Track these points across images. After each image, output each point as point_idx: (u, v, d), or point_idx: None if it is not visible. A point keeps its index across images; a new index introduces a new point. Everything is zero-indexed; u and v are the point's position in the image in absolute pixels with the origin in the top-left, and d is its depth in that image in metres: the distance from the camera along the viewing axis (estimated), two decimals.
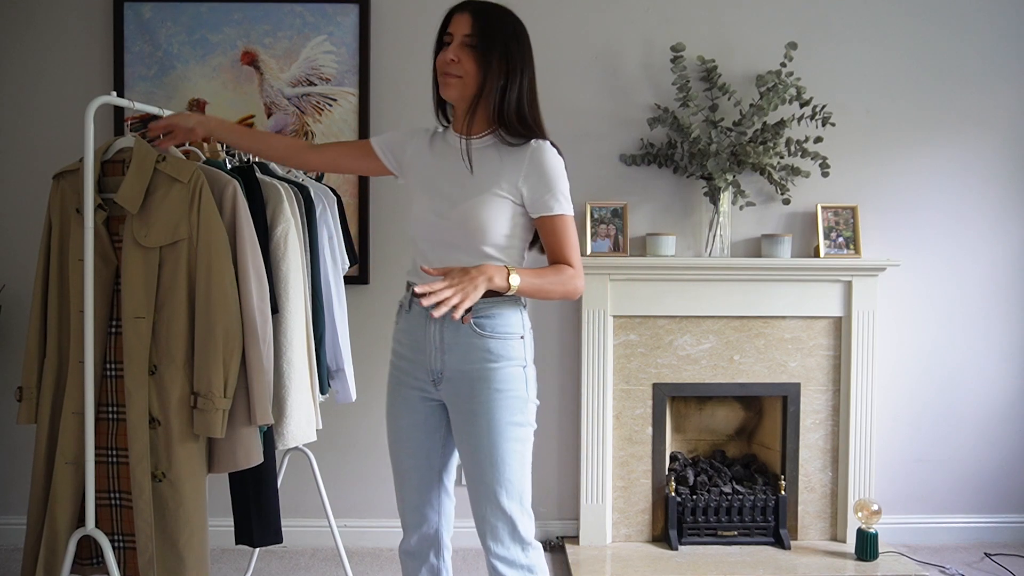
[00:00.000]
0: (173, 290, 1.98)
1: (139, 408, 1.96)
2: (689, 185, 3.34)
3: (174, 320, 1.98)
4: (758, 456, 3.51)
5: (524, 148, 1.86)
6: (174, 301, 1.98)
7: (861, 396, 3.27)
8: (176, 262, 1.98)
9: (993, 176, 3.40)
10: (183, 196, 1.97)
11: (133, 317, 1.97)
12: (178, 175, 1.98)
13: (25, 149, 3.26)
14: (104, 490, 2.04)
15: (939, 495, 3.46)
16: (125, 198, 1.97)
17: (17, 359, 3.25)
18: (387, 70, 3.29)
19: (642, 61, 3.32)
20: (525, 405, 1.91)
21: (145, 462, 1.96)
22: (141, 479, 1.96)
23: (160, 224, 1.98)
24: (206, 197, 1.99)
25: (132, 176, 1.98)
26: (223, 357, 1.96)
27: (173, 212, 1.98)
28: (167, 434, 1.97)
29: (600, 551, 3.23)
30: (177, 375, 1.98)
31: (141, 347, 1.97)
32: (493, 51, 1.83)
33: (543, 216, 1.86)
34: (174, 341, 1.98)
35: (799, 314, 3.27)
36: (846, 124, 3.30)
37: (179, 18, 3.23)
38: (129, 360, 1.97)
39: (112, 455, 2.04)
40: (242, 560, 3.13)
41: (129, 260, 1.98)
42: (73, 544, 2.00)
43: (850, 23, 3.35)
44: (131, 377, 1.97)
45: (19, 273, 3.26)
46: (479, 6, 1.88)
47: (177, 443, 1.97)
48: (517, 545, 1.89)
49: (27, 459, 3.28)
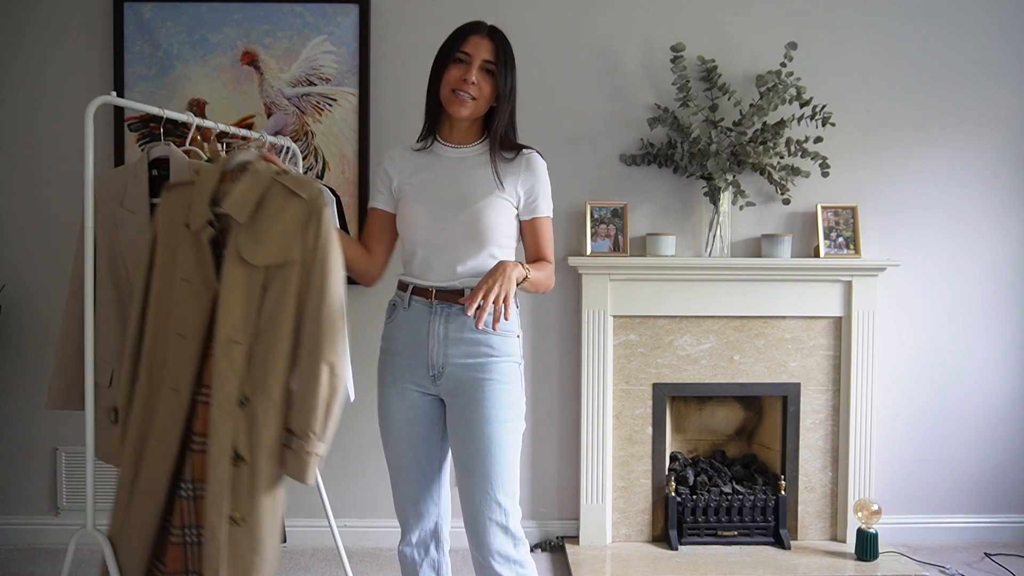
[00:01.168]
0: (277, 316, 1.78)
1: (223, 441, 1.76)
2: (689, 185, 3.34)
3: (273, 349, 1.78)
4: (758, 456, 3.51)
5: (519, 157, 2.03)
6: (276, 328, 1.78)
7: (861, 396, 3.27)
8: (284, 286, 1.78)
9: (993, 176, 3.40)
10: (300, 214, 1.79)
11: (227, 341, 1.77)
12: (299, 189, 1.81)
13: (25, 149, 3.26)
14: (179, 526, 1.85)
15: (939, 495, 3.46)
16: (234, 204, 1.78)
17: (17, 359, 3.26)
18: (387, 70, 3.29)
19: (642, 61, 3.32)
20: (519, 400, 2.01)
21: (222, 501, 1.75)
22: (216, 520, 1.76)
23: (271, 241, 1.79)
24: (326, 219, 1.80)
25: (246, 184, 1.81)
26: (327, 396, 1.78)
27: (286, 230, 1.79)
28: (252, 475, 1.77)
29: (600, 551, 3.24)
30: (271, 411, 1.77)
31: (232, 374, 1.76)
32: (508, 77, 2.01)
33: (534, 217, 2.04)
34: (272, 373, 1.77)
35: (799, 314, 3.27)
36: (846, 124, 3.30)
37: (179, 18, 3.23)
38: (218, 388, 1.77)
39: (188, 489, 1.85)
40: None
41: (230, 277, 1.78)
42: (73, 545, 1.98)
43: (850, 23, 3.35)
44: (218, 406, 1.77)
45: (19, 273, 3.25)
46: (497, 32, 2.02)
47: (262, 486, 1.77)
48: (509, 539, 1.93)
49: (28, 459, 3.30)
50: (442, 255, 1.97)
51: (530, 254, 2.07)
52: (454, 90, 1.97)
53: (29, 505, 3.31)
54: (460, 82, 1.96)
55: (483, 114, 2.03)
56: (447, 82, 1.98)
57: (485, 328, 1.92)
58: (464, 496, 1.95)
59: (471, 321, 1.92)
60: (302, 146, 3.24)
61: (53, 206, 3.24)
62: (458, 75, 1.96)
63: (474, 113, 2.00)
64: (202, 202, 1.82)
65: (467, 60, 1.97)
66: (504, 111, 2.01)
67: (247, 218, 1.78)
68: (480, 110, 2.00)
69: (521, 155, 2.03)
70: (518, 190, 2.01)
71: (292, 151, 3.06)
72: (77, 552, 2.01)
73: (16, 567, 3.07)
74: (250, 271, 1.79)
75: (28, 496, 3.31)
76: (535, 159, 2.04)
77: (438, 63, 2.02)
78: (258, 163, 1.86)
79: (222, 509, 1.75)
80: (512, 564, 1.92)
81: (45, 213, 3.25)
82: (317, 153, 3.27)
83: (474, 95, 1.96)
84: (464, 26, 2.01)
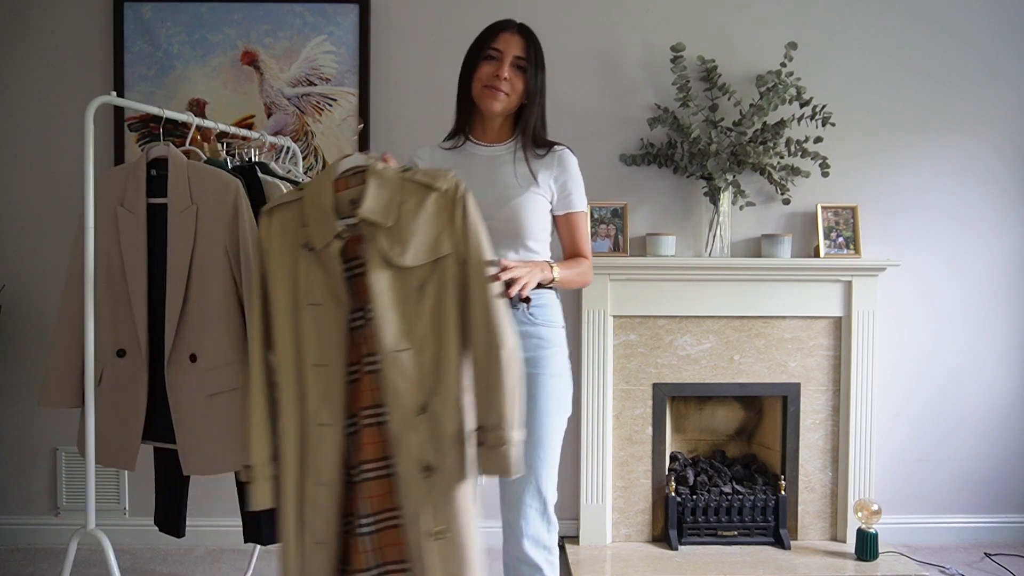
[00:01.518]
0: (441, 314, 1.72)
1: (411, 456, 1.68)
2: (689, 185, 3.34)
3: (444, 347, 1.71)
4: (758, 456, 3.51)
5: (551, 153, 2.08)
6: (443, 326, 1.71)
7: (861, 396, 3.27)
8: (441, 281, 1.72)
9: (993, 176, 3.40)
10: (441, 205, 1.72)
11: (392, 351, 1.69)
12: (434, 182, 1.73)
13: (25, 149, 3.26)
14: (362, 568, 1.73)
15: (939, 495, 3.46)
16: (373, 210, 1.69)
17: (17, 359, 3.26)
18: (387, 70, 3.29)
19: (642, 61, 3.32)
20: (568, 390, 2.07)
21: (424, 518, 1.68)
22: (420, 540, 1.68)
23: (418, 240, 1.70)
24: (471, 204, 1.74)
25: (375, 188, 1.71)
26: (511, 381, 1.71)
27: (431, 225, 1.71)
28: (444, 482, 1.69)
29: (600, 551, 3.23)
30: (450, 411, 1.71)
31: (407, 384, 1.69)
32: (539, 74, 2.05)
33: (568, 213, 2.09)
34: (446, 373, 1.70)
35: (799, 314, 3.27)
36: (846, 124, 3.30)
37: (179, 18, 3.23)
38: (395, 401, 1.69)
39: (368, 523, 1.73)
40: (242, 560, 3.13)
41: (380, 285, 1.69)
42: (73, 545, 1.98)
43: (850, 23, 3.35)
44: (399, 421, 1.69)
45: (19, 273, 3.25)
46: (527, 30, 2.07)
47: (456, 491, 1.70)
48: (544, 523, 2.00)
49: (28, 459, 3.30)
50: None
51: (567, 249, 2.12)
52: (486, 86, 2.01)
53: (29, 505, 3.31)
54: (492, 78, 2.00)
55: (514, 111, 2.07)
56: (479, 79, 2.02)
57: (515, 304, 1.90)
58: (507, 483, 1.99)
59: (520, 315, 1.96)
60: (302, 146, 3.24)
61: (53, 206, 3.24)
62: (490, 71, 2.01)
63: (507, 108, 2.04)
64: (326, 216, 1.71)
65: (498, 56, 2.01)
66: (535, 107, 2.05)
67: (393, 220, 1.70)
68: (512, 106, 2.05)
69: (553, 151, 2.08)
70: (551, 185, 2.06)
71: (292, 151, 3.06)
72: (77, 552, 2.02)
73: (16, 567, 3.07)
74: (401, 274, 1.71)
75: (28, 496, 3.31)
76: (567, 155, 2.09)
77: (469, 61, 2.06)
78: (375, 165, 1.75)
79: (421, 527, 1.68)
80: (542, 550, 2.00)
81: (45, 213, 3.25)
82: (317, 153, 3.27)
83: (506, 91, 2.01)
84: (494, 24, 2.06)
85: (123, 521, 3.28)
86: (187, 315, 2.12)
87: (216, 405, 2.09)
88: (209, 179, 2.12)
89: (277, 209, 1.78)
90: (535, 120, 2.06)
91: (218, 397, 2.09)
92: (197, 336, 2.11)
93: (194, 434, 2.11)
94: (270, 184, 2.28)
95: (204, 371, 2.09)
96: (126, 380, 2.16)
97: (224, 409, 2.09)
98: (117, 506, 3.29)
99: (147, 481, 2.45)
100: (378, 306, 1.69)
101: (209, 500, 3.13)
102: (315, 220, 1.73)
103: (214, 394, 2.09)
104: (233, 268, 2.10)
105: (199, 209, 2.10)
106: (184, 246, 2.10)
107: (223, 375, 2.09)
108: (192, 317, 2.11)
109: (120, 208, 2.15)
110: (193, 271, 2.11)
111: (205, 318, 2.10)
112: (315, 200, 1.74)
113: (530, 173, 2.03)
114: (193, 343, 2.11)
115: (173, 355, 2.12)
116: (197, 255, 2.11)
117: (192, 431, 2.11)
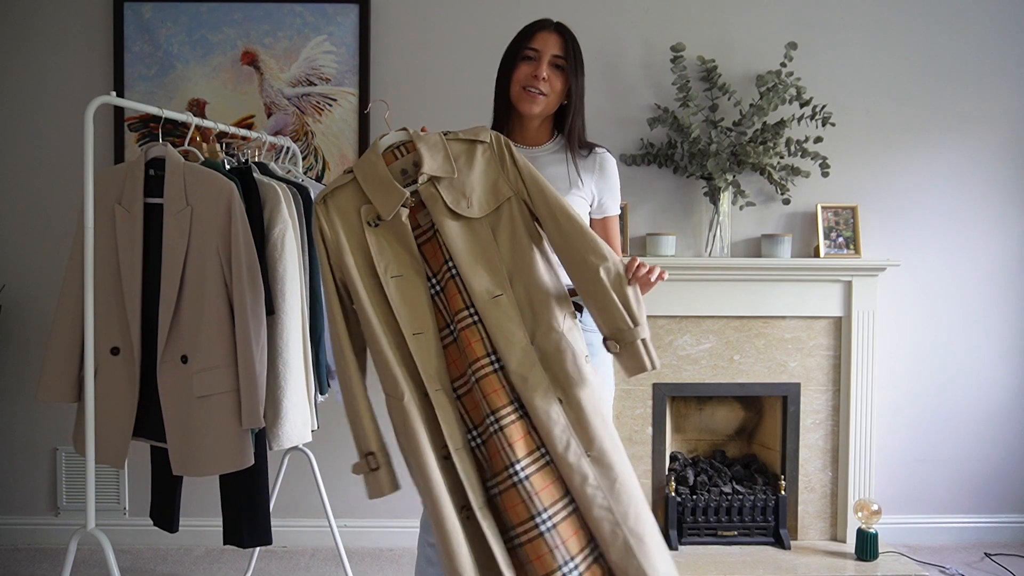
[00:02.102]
0: (521, 252, 1.80)
1: (542, 389, 1.71)
2: (689, 185, 3.34)
3: (533, 281, 1.78)
4: (758, 456, 3.50)
5: (592, 156, 2.07)
6: (527, 263, 1.79)
7: (861, 396, 3.27)
8: (512, 223, 1.81)
9: (993, 176, 3.40)
10: (490, 157, 1.83)
11: (488, 299, 1.74)
12: (477, 137, 1.84)
13: (25, 149, 3.26)
14: (527, 518, 1.68)
15: (939, 495, 3.46)
16: (434, 167, 1.79)
17: (17, 359, 3.26)
18: (387, 70, 3.29)
19: (642, 61, 3.32)
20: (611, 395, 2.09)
21: (573, 443, 1.70)
22: (576, 463, 1.68)
23: (479, 191, 1.80)
24: (516, 151, 1.85)
25: (428, 151, 1.81)
26: (618, 287, 1.76)
27: (487, 175, 1.82)
28: (572, 408, 1.72)
29: None
30: (560, 340, 1.75)
31: (513, 325, 1.74)
32: (578, 73, 2.01)
33: (605, 216, 2.10)
34: (543, 305, 1.77)
35: (799, 314, 3.27)
36: (846, 124, 3.30)
37: (179, 18, 3.23)
38: (507, 344, 1.72)
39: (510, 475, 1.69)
40: (242, 560, 3.13)
41: (456, 240, 1.77)
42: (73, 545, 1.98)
43: (850, 23, 3.35)
44: (517, 361, 1.72)
45: (19, 273, 3.26)
46: (564, 28, 2.02)
47: (588, 413, 1.73)
48: None
49: (28, 459, 3.30)
50: None
51: None
52: (525, 87, 1.97)
53: (29, 505, 3.31)
54: (531, 79, 1.96)
55: (553, 112, 2.03)
56: (517, 80, 1.98)
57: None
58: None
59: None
60: (302, 146, 3.24)
61: (53, 206, 3.24)
62: (528, 71, 1.97)
63: (546, 110, 2.00)
64: (390, 185, 1.77)
65: (536, 56, 1.97)
66: (577, 107, 2.02)
67: (456, 172, 1.79)
68: (551, 107, 2.01)
69: (594, 153, 2.07)
70: (593, 189, 2.05)
71: (292, 151, 3.06)
72: (77, 552, 2.02)
73: (16, 567, 3.07)
74: (471, 225, 1.78)
75: (28, 496, 3.31)
76: (608, 159, 2.08)
77: (506, 62, 2.01)
78: (415, 134, 1.85)
79: (578, 450, 1.69)
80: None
81: (45, 213, 3.25)
82: (317, 153, 3.27)
83: (545, 91, 1.96)
84: (531, 24, 2.01)
85: (123, 521, 3.29)
86: (180, 317, 2.11)
87: (206, 407, 2.08)
88: (205, 181, 2.11)
89: (330, 196, 1.83)
90: (578, 119, 2.03)
91: (208, 399, 2.08)
92: (189, 338, 2.11)
93: (184, 435, 2.11)
94: (266, 185, 2.27)
95: (195, 373, 2.09)
96: (119, 378, 2.15)
97: (214, 411, 2.08)
98: (117, 506, 3.30)
99: (147, 481, 2.45)
100: (460, 260, 1.76)
101: (208, 500, 3.13)
102: (378, 192, 1.79)
103: (204, 396, 2.08)
104: (224, 271, 2.10)
105: (194, 211, 2.10)
106: (178, 247, 2.10)
107: (213, 378, 2.08)
108: (185, 319, 2.11)
109: (118, 207, 2.15)
110: (187, 273, 2.10)
111: (198, 320, 2.10)
112: (371, 175, 1.80)
113: (576, 176, 2.02)
114: (185, 344, 2.11)
115: (165, 355, 2.12)
116: (191, 257, 2.10)
117: (182, 432, 2.11)
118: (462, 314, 1.77)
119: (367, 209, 1.79)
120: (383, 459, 1.79)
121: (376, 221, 1.79)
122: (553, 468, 1.72)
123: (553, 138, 2.06)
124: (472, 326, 1.76)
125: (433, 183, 1.78)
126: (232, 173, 2.19)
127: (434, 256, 1.82)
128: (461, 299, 1.77)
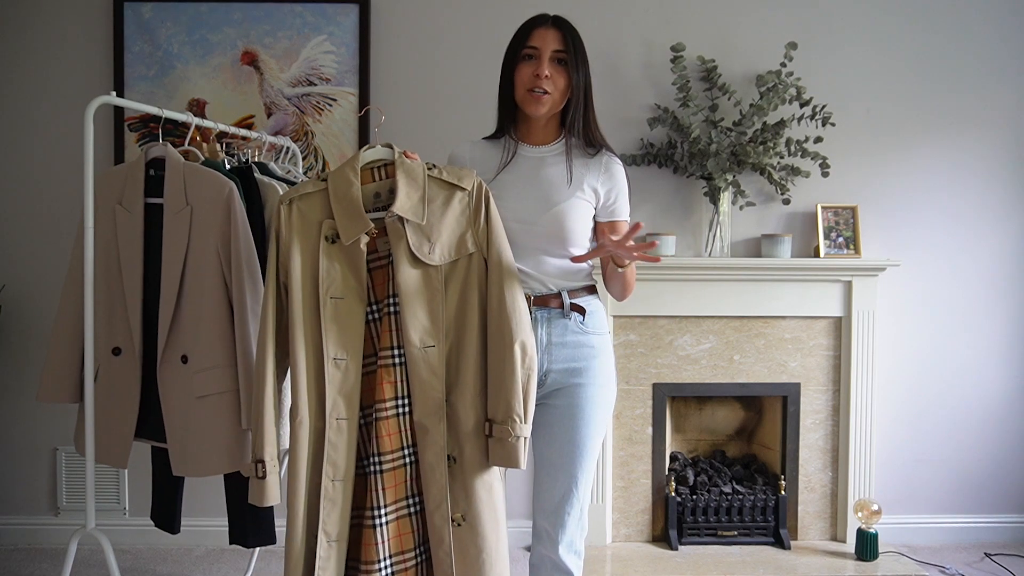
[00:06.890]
0: (465, 311, 1.79)
1: (437, 446, 1.75)
2: (689, 185, 3.34)
3: (467, 344, 1.78)
4: (758, 456, 3.51)
5: (598, 157, 1.99)
6: (466, 323, 1.79)
7: (861, 396, 3.27)
8: (466, 279, 1.79)
9: (993, 176, 3.40)
10: (466, 205, 1.79)
11: (421, 347, 1.75)
12: (460, 181, 1.80)
13: (25, 149, 3.26)
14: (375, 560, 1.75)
15: (939, 495, 3.46)
16: (405, 208, 1.75)
17: (17, 359, 3.26)
18: (387, 70, 3.29)
19: (642, 61, 3.32)
20: (612, 397, 2.03)
21: (444, 506, 1.76)
22: (442, 526, 1.76)
23: (445, 239, 1.78)
24: (492, 205, 1.81)
25: (406, 185, 1.77)
26: (524, 377, 1.78)
27: (458, 225, 1.78)
28: (463, 471, 1.78)
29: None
30: (471, 404, 1.79)
31: (435, 379, 1.75)
32: (581, 66, 1.93)
33: (613, 220, 2.02)
34: (467, 367, 1.78)
35: (799, 314, 3.27)
36: (846, 124, 3.30)
37: (179, 18, 3.23)
38: (421, 395, 1.75)
39: (379, 514, 1.76)
40: (242, 560, 3.13)
41: (409, 282, 1.75)
42: (73, 545, 1.98)
43: (850, 23, 3.35)
44: (425, 413, 1.75)
45: (19, 273, 3.25)
46: (563, 21, 1.96)
47: (476, 480, 1.78)
48: (579, 529, 1.98)
49: (28, 459, 3.30)
50: (527, 258, 1.93)
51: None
52: (529, 90, 1.91)
53: (29, 505, 3.31)
54: (533, 79, 1.90)
55: (560, 109, 1.97)
56: (520, 82, 1.93)
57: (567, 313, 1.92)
58: (544, 489, 1.96)
59: (572, 324, 1.94)
60: (302, 146, 3.24)
61: (53, 206, 3.24)
62: (530, 71, 1.90)
63: (551, 109, 1.94)
64: (356, 210, 1.74)
65: (536, 54, 1.91)
66: (579, 103, 1.94)
67: (425, 218, 1.75)
68: (557, 105, 1.94)
69: (600, 155, 1.99)
70: (597, 191, 1.97)
71: (292, 151, 3.06)
72: (77, 552, 2.02)
73: (16, 567, 3.07)
74: (427, 271, 1.77)
75: (28, 496, 3.31)
76: (614, 164, 2.00)
77: (508, 63, 1.96)
78: (401, 160, 1.80)
79: (446, 514, 1.75)
80: (574, 555, 1.98)
81: (45, 213, 3.25)
82: (317, 153, 3.27)
83: (548, 89, 1.90)
84: (528, 20, 1.96)
85: (123, 521, 3.29)
86: (180, 317, 2.11)
87: (205, 407, 2.08)
88: (204, 181, 2.11)
89: (297, 199, 1.79)
90: (580, 116, 1.96)
91: (207, 400, 2.08)
92: (189, 338, 2.11)
93: (184, 435, 2.11)
94: (267, 185, 2.27)
95: (194, 373, 2.09)
96: (121, 378, 2.16)
97: (213, 412, 2.08)
98: (117, 506, 3.30)
99: (147, 481, 2.45)
100: (404, 302, 1.74)
101: (209, 500, 3.13)
102: (344, 215, 1.76)
103: (203, 396, 2.08)
104: (224, 271, 2.10)
105: (194, 211, 2.10)
106: (178, 247, 2.10)
107: (213, 378, 2.09)
108: (185, 319, 2.11)
109: (119, 207, 2.15)
110: (186, 273, 2.10)
111: (197, 320, 2.10)
112: (343, 192, 1.77)
113: (576, 177, 1.95)
114: (185, 344, 2.11)
115: (165, 355, 2.12)
116: (191, 257, 2.10)
117: (182, 432, 2.11)
118: (386, 352, 1.78)
119: (329, 224, 1.77)
120: (271, 469, 1.80)
121: (334, 238, 1.76)
122: (416, 519, 1.80)
123: (559, 137, 2.01)
124: (391, 367, 1.77)
125: (401, 221, 1.76)
126: (232, 173, 2.19)
127: (381, 285, 1.81)
128: (390, 337, 1.77)
